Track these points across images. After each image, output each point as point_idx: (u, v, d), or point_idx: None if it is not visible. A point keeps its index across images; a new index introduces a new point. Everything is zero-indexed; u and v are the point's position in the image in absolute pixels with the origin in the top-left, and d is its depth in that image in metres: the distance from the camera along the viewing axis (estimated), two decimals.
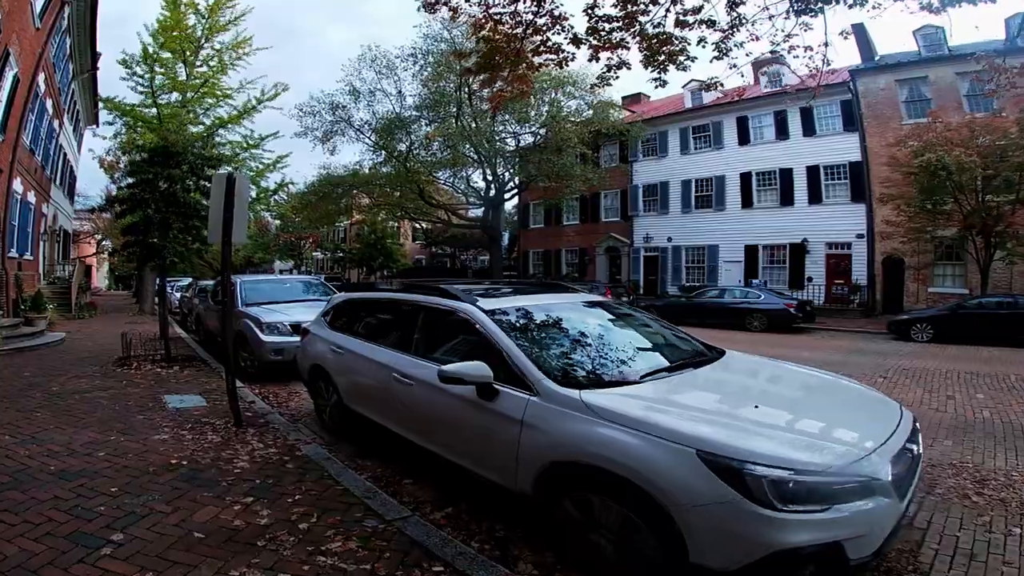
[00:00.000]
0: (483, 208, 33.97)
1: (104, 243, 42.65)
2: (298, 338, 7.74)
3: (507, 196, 33.55)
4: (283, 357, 8.67)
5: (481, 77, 9.12)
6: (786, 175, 26.17)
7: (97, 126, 30.48)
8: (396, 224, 41.52)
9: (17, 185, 15.21)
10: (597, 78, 9.34)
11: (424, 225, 44.19)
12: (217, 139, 22.91)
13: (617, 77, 8.67)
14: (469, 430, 4.02)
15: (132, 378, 8.80)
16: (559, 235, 35.65)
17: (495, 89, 9.63)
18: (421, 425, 4.65)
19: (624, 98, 33.63)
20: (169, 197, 10.58)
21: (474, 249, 51.62)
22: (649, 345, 4.63)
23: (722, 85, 8.60)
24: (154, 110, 22.02)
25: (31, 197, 17.23)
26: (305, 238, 52.08)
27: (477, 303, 4.39)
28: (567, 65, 8.38)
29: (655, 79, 8.32)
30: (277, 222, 44.94)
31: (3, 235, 13.73)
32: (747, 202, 27.41)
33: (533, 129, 29.64)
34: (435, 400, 4.30)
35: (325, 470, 4.92)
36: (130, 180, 11.60)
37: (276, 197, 26.38)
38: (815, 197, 25.38)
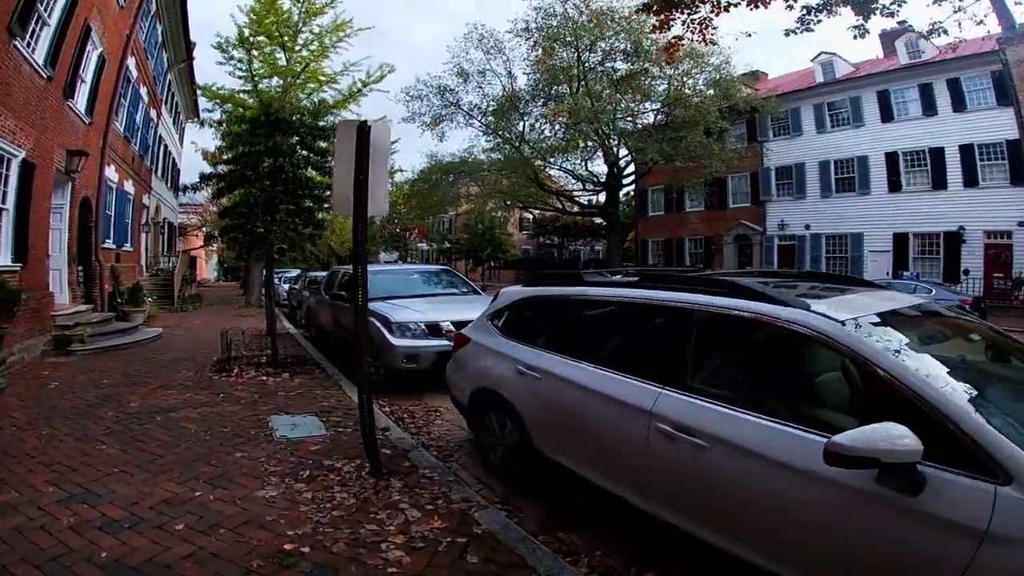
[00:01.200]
0: (599, 194, 32.29)
1: (212, 235, 43.62)
2: (435, 342, 5.81)
3: (627, 181, 31.11)
4: (417, 365, 7.02)
5: (655, 21, 8.22)
6: (936, 155, 22.91)
7: (198, 119, 30.54)
8: (504, 214, 39.84)
9: (111, 173, 14.27)
10: (797, 21, 8.18)
11: (534, 214, 42.23)
12: (322, 124, 21.52)
13: (819, 21, 7.85)
14: (846, 539, 2.23)
15: (231, 389, 7.14)
16: (681, 222, 32.87)
17: (670, 39, 8.99)
18: (717, 512, 2.71)
19: (740, 76, 30.21)
20: (275, 173, 8.86)
21: (584, 239, 49.75)
22: None
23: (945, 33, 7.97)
24: (255, 97, 20.90)
25: (129, 187, 16.43)
26: (411, 229, 51.64)
27: (823, 311, 2.60)
28: (763, 6, 7.47)
29: (857, 27, 7.58)
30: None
31: (96, 224, 12.71)
32: (894, 185, 24.36)
33: (656, 107, 26.99)
34: (765, 480, 2.42)
35: (529, 565, 2.93)
36: (227, 159, 10.09)
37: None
38: (970, 180, 22.08)
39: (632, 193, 36.58)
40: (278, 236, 9.06)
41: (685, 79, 25.67)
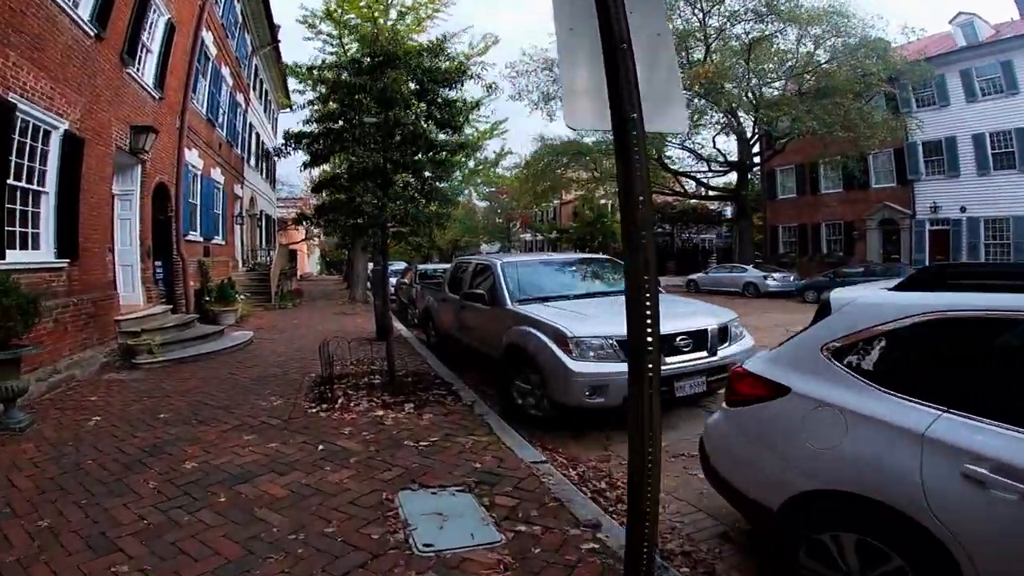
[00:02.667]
0: (722, 177, 29.80)
1: (303, 217, 43.41)
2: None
3: (758, 159, 27.65)
4: (605, 400, 4.81)
5: None
6: None
7: (291, 109, 29.77)
8: (613, 202, 37.31)
9: (193, 158, 12.82)
10: None
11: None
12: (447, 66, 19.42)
13: None
14: None
15: (335, 433, 4.99)
16: (816, 206, 29.18)
17: None
18: None
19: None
20: (388, 128, 6.38)
21: (698, 226, 46.22)
22: None
23: None
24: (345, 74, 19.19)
25: (217, 175, 15.10)
26: (514, 219, 49.98)
27: None
28: None
29: None
30: (484, 203, 43.24)
31: (176, 214, 11.19)
32: None
33: (794, 72, 23.52)
34: None
35: None
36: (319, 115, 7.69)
37: (496, 170, 22.80)
38: None
39: (758, 174, 32.77)
40: (394, 215, 6.66)
41: (827, 39, 22.57)
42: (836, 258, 26.82)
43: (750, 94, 23.81)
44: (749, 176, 28.51)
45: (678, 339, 5.32)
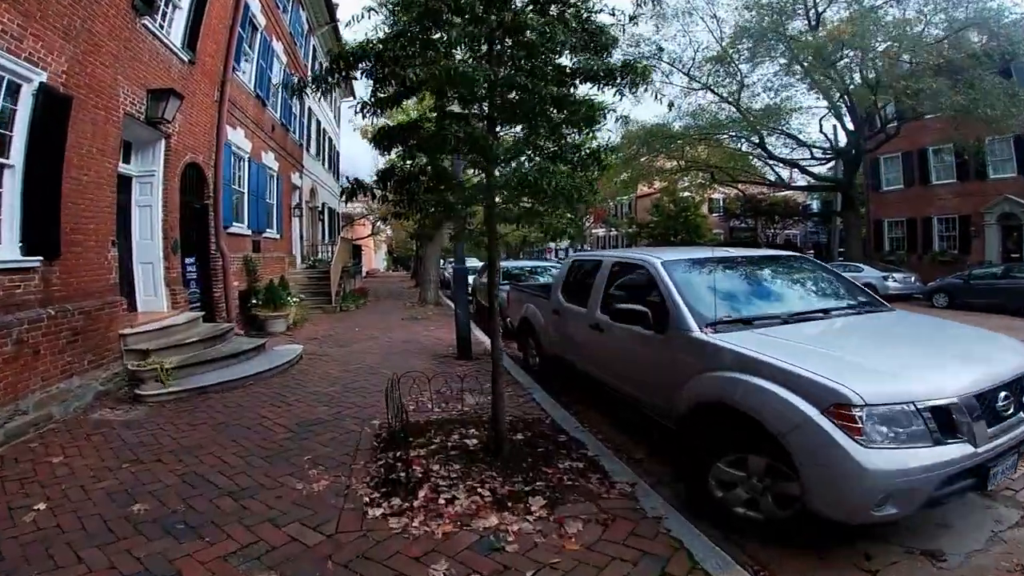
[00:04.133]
0: (828, 164, 26.87)
1: (380, 224, 42.01)
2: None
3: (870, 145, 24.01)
4: (900, 510, 2.96)
5: None
6: None
7: (353, 97, 28.29)
8: (697, 193, 34.42)
9: (237, 137, 10.99)
10: None
11: (742, 191, 35.86)
12: None
13: None
14: None
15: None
16: (926, 199, 25.61)
17: None
18: None
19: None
20: (495, 60, 3.85)
21: (785, 220, 42.62)
22: None
23: None
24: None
25: (269, 160, 13.31)
26: (588, 213, 47.74)
27: None
28: None
29: None
30: None
31: (215, 202, 9.33)
32: None
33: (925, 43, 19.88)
34: None
35: None
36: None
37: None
38: None
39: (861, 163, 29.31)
40: (509, 183, 3.99)
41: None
42: (950, 256, 23.59)
43: (868, 67, 20.31)
44: (854, 164, 24.88)
45: (1000, 396, 2.94)
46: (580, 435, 4.82)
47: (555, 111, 3.95)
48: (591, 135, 4.33)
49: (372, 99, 4.18)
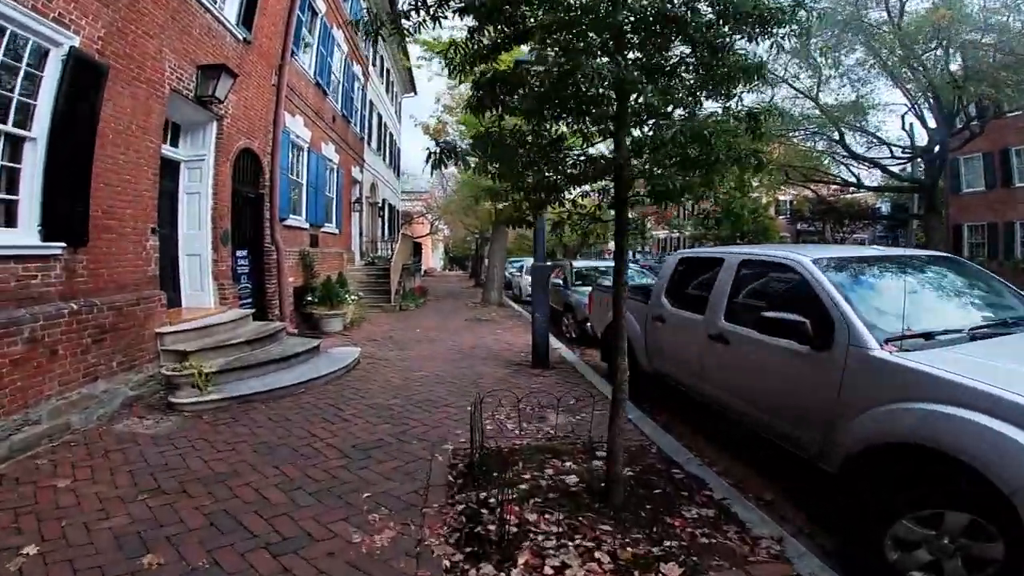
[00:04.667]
0: (905, 165, 24.35)
1: (437, 223, 41.51)
2: None
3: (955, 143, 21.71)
4: None
5: None
6: None
7: (415, 93, 27.85)
8: (765, 195, 32.58)
9: (296, 125, 10.37)
10: None
11: (809, 191, 33.60)
12: None
13: None
14: None
15: None
16: (1008, 202, 23.70)
17: None
18: None
19: None
20: None
21: (855, 223, 39.91)
22: None
23: None
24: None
25: (330, 151, 12.72)
26: (649, 213, 46.12)
27: None
28: None
29: None
30: None
31: (272, 192, 8.67)
32: None
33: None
34: None
35: None
36: None
37: None
38: None
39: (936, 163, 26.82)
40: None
41: None
42: None
43: (955, 58, 18.19)
44: (938, 163, 22.43)
45: None
46: (697, 470, 3.81)
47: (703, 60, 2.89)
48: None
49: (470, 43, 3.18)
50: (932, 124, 21.41)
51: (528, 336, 9.51)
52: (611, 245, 57.94)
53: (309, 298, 9.50)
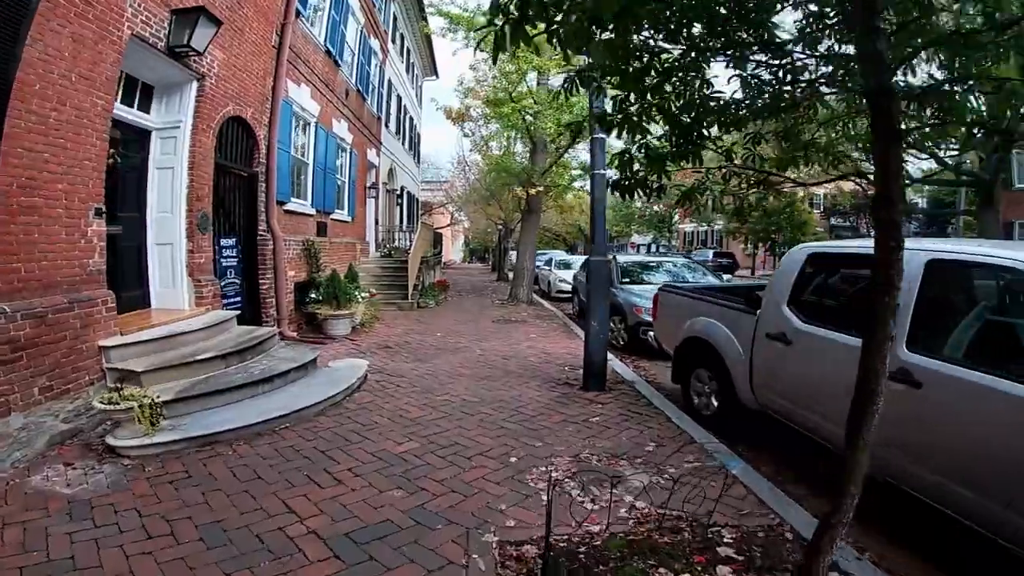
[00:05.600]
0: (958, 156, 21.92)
1: (459, 214, 40.02)
2: None
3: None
4: None
5: None
6: None
7: (436, 77, 26.44)
8: (801, 189, 30.66)
9: (302, 97, 9.05)
10: None
11: (854, 184, 31.57)
12: None
13: None
14: None
15: None
16: None
17: None
18: None
19: None
20: None
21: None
22: None
23: None
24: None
25: (342, 129, 11.38)
26: (673, 205, 44.17)
27: None
28: None
29: None
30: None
31: (268, 171, 7.35)
32: None
33: None
34: None
35: None
36: None
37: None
38: None
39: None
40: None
41: None
42: None
43: None
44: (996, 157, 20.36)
45: None
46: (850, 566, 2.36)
47: None
48: None
49: None
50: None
51: (568, 342, 8.13)
52: (635, 238, 56.34)
53: (312, 295, 8.18)
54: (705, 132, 2.02)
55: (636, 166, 2.39)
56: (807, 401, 3.46)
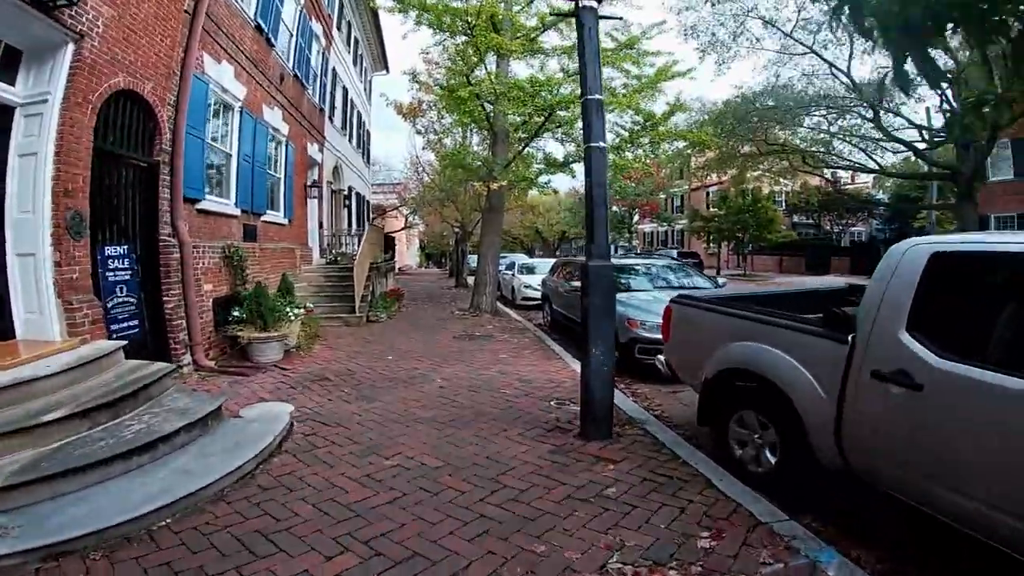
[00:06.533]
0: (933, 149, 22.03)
1: (413, 217, 38.20)
2: None
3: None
4: None
5: None
6: None
7: (387, 71, 24.91)
8: (771, 184, 31.04)
9: (223, 75, 7.66)
10: None
11: (829, 179, 31.58)
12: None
13: None
14: None
15: None
16: None
17: None
18: None
19: None
20: None
21: (856, 215, 38.38)
22: None
23: None
24: None
25: (274, 118, 9.94)
26: (640, 206, 43.96)
27: None
28: None
29: None
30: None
31: (174, 160, 5.94)
32: None
33: None
34: None
35: None
36: None
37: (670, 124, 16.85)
38: None
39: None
40: None
41: None
42: None
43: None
44: (971, 149, 20.48)
45: None
46: None
47: None
48: None
49: None
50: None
51: (547, 364, 6.95)
52: None
53: (236, 313, 6.77)
54: None
55: None
56: (956, 478, 2.36)
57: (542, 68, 10.44)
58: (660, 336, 6.03)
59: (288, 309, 7.05)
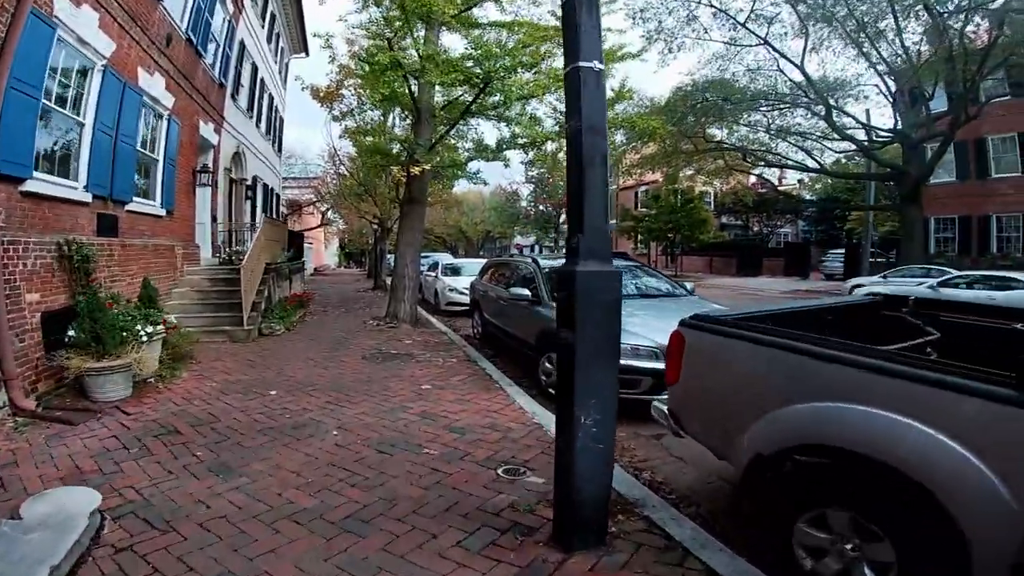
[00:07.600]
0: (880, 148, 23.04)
1: (331, 214, 35.62)
2: None
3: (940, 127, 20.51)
4: None
5: None
6: None
7: (306, 54, 22.88)
8: (708, 183, 31.44)
9: (78, 20, 5.98)
10: None
11: (767, 179, 31.86)
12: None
13: None
14: None
15: None
16: (984, 194, 22.88)
17: None
18: None
19: None
20: None
21: (779, 218, 39.61)
22: None
23: None
24: None
25: (153, 86, 8.17)
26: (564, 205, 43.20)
27: None
28: None
29: None
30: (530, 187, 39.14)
31: None
32: None
33: None
34: None
35: None
36: None
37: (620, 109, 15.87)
38: None
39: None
40: None
41: None
42: (1014, 260, 20.56)
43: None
44: (919, 149, 21.10)
45: None
46: None
47: None
48: None
49: None
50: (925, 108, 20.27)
51: (487, 400, 5.54)
52: (518, 239, 54.86)
53: (71, 334, 5.07)
54: None
55: None
56: None
57: (477, 46, 9.15)
58: (636, 363, 4.93)
59: (139, 327, 5.38)
